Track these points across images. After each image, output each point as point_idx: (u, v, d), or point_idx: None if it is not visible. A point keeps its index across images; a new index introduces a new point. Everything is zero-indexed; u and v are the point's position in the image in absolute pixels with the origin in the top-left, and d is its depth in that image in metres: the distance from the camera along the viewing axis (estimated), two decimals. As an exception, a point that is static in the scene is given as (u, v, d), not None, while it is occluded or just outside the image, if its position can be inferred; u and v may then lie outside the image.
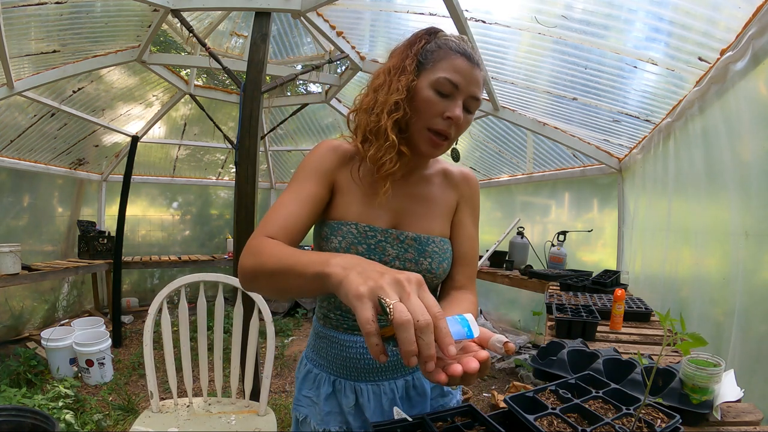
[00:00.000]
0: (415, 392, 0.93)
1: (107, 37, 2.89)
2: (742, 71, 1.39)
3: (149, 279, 5.49)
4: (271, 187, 6.23)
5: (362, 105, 0.87)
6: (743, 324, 1.32)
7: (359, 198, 0.86)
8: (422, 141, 0.83)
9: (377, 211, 0.87)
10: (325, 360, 0.92)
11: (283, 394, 3.14)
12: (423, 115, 0.81)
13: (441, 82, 0.79)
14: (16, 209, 3.90)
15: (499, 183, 4.49)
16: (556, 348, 1.28)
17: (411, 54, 0.83)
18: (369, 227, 0.85)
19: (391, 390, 0.91)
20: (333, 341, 0.91)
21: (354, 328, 0.89)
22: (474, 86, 0.81)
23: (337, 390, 0.90)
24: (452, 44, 0.82)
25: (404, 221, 0.89)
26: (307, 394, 0.94)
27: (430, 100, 0.80)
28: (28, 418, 1.55)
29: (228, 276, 1.72)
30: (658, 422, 0.73)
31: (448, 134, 0.82)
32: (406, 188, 0.91)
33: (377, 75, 0.87)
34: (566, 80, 2.36)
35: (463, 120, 0.81)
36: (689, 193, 1.94)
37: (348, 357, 0.89)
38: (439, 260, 0.89)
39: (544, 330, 2.47)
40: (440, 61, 0.81)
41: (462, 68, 0.79)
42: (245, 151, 2.48)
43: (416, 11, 2.35)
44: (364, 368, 0.89)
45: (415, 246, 0.87)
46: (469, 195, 0.98)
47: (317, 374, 0.93)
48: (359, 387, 0.90)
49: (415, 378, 0.93)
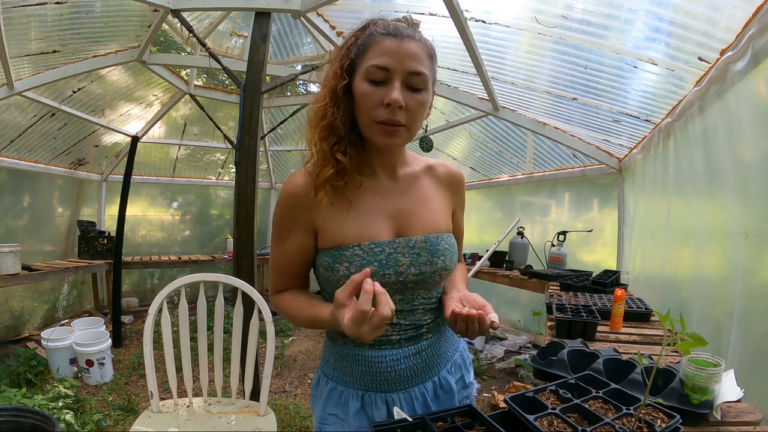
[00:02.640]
0: (442, 391, 0.93)
1: (107, 37, 2.89)
2: (742, 71, 1.39)
3: (149, 279, 5.49)
4: (271, 187, 6.23)
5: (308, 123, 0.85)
6: (743, 324, 1.32)
7: (348, 217, 0.83)
8: (374, 135, 0.79)
9: (375, 224, 0.84)
10: (351, 377, 0.90)
11: (283, 394, 3.14)
12: (364, 110, 0.77)
13: (370, 71, 0.75)
14: (16, 209, 3.90)
15: (499, 183, 4.49)
16: (556, 348, 1.28)
17: (341, 55, 0.80)
18: (374, 243, 0.82)
19: (422, 394, 0.90)
20: (359, 359, 0.88)
21: (381, 343, 0.87)
22: (409, 61, 0.75)
23: (367, 404, 0.88)
24: (379, 29, 0.77)
25: (407, 225, 0.86)
26: (332, 411, 0.91)
27: (366, 93, 0.76)
28: (28, 418, 1.55)
29: (228, 276, 1.72)
30: (658, 422, 0.74)
31: (396, 121, 0.76)
32: (397, 191, 0.88)
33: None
34: (566, 80, 2.36)
35: (410, 101, 0.76)
36: (689, 193, 1.93)
37: (377, 372, 0.87)
38: (450, 256, 0.89)
39: (544, 330, 2.47)
40: (368, 50, 0.77)
41: (390, 48, 0.74)
42: (245, 151, 2.48)
43: (416, 11, 2.35)
44: (395, 379, 0.87)
45: (426, 248, 0.86)
46: (461, 194, 1.00)
47: (343, 391, 0.90)
48: (391, 397, 0.88)
49: (441, 378, 0.93)
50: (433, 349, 0.92)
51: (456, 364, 0.98)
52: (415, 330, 0.89)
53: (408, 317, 0.88)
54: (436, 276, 0.87)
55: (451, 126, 3.78)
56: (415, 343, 0.89)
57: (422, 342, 0.90)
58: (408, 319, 0.88)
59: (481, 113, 3.25)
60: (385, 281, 0.81)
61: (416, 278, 0.85)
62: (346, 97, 0.79)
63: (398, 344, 0.87)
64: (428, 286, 0.88)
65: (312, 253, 0.88)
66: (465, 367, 1.01)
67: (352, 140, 0.82)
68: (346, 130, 0.81)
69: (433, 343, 0.92)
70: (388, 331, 0.87)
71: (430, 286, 0.89)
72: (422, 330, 0.90)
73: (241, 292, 1.67)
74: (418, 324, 0.89)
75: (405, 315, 0.87)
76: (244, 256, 2.52)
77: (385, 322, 0.67)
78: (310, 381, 3.39)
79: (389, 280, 0.82)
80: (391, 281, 0.83)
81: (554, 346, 1.30)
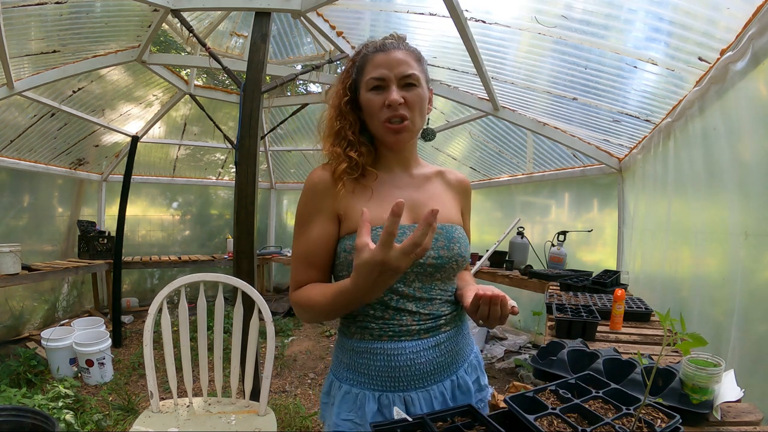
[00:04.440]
0: (459, 391, 0.93)
1: (107, 37, 2.89)
2: (742, 71, 1.39)
3: (149, 279, 5.49)
4: (271, 187, 6.23)
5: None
6: (743, 324, 1.32)
7: (369, 204, 0.89)
8: (384, 135, 0.91)
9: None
10: (367, 376, 0.89)
11: (283, 394, 3.14)
12: (372, 114, 0.90)
13: (369, 83, 0.89)
14: (16, 209, 3.90)
15: (499, 183, 4.49)
16: (556, 348, 1.28)
17: (343, 78, 0.96)
18: None
19: (441, 393, 0.90)
20: (377, 353, 0.88)
21: (400, 334, 0.87)
22: (399, 66, 0.88)
23: (384, 405, 0.87)
24: (370, 49, 0.92)
25: (423, 215, 0.90)
26: (347, 417, 0.88)
27: (370, 100, 0.89)
28: (28, 418, 1.55)
29: (228, 276, 1.72)
30: (658, 422, 0.73)
31: (400, 115, 0.88)
32: (412, 185, 0.96)
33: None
34: (566, 80, 2.36)
35: (408, 96, 0.88)
36: (689, 193, 1.93)
37: (396, 366, 0.87)
38: (465, 245, 0.94)
39: (544, 330, 2.47)
40: (365, 67, 0.91)
41: (381, 61, 0.88)
42: (245, 151, 2.48)
43: (416, 11, 2.35)
44: (415, 375, 0.87)
45: (443, 234, 0.90)
46: (465, 195, 1.06)
47: (358, 393, 0.89)
48: (409, 397, 0.87)
49: (458, 377, 0.94)
50: (452, 343, 0.93)
51: (472, 365, 0.99)
52: (434, 320, 0.90)
53: (427, 306, 0.90)
54: (453, 263, 0.91)
55: (451, 126, 3.78)
56: (434, 335, 0.90)
57: (441, 334, 0.91)
58: (427, 309, 0.90)
59: (481, 113, 3.25)
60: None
61: (435, 262, 0.89)
62: (350, 109, 0.93)
63: (417, 335, 0.88)
64: (445, 275, 0.92)
65: (333, 243, 0.91)
66: (480, 369, 1.02)
67: (362, 142, 0.93)
68: (355, 136, 0.93)
69: (452, 336, 0.93)
70: (407, 321, 0.88)
71: (447, 275, 0.92)
72: (441, 321, 0.91)
73: (241, 292, 1.67)
74: (437, 314, 0.91)
75: (424, 304, 0.90)
76: (244, 256, 2.52)
77: (415, 250, 0.66)
78: (310, 381, 3.39)
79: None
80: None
81: (554, 346, 1.30)
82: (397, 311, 0.88)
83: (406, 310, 0.88)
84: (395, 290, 0.88)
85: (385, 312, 0.88)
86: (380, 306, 0.88)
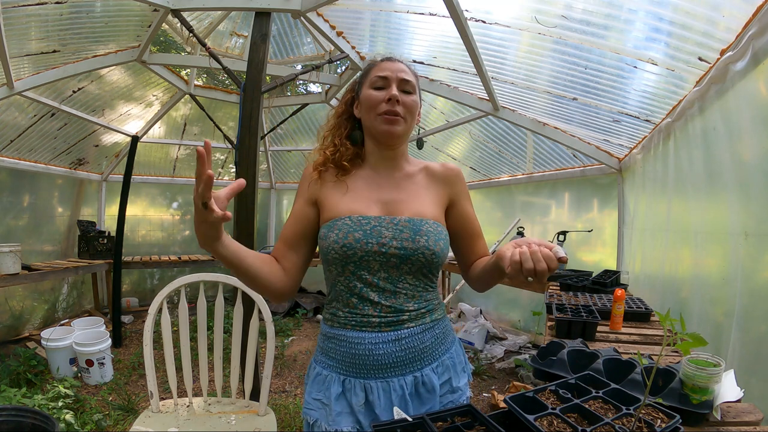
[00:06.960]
0: (424, 389, 0.94)
1: (107, 37, 2.89)
2: (742, 71, 1.39)
3: (149, 279, 5.49)
4: (271, 187, 6.23)
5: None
6: (743, 324, 1.32)
7: (344, 198, 0.98)
8: (378, 124, 0.97)
9: (368, 204, 0.97)
10: (334, 360, 0.95)
11: (283, 394, 3.14)
12: (370, 108, 0.98)
13: (373, 80, 0.99)
14: (16, 209, 3.90)
15: (499, 183, 4.49)
16: (556, 348, 1.28)
17: (348, 89, 1.09)
18: (362, 216, 0.94)
19: (401, 387, 0.92)
20: (341, 340, 0.94)
21: (361, 324, 0.92)
22: (401, 73, 0.98)
23: (347, 389, 0.93)
24: (378, 57, 1.04)
25: (395, 210, 0.97)
26: (316, 396, 0.96)
27: (371, 96, 0.98)
28: (28, 418, 1.55)
29: (228, 276, 1.72)
30: (658, 422, 0.74)
31: (396, 111, 0.95)
32: (392, 185, 1.01)
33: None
34: (566, 80, 2.36)
35: (405, 98, 0.97)
36: (689, 193, 1.93)
37: (356, 354, 0.92)
38: (435, 239, 0.94)
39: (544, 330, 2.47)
40: (370, 71, 1.02)
41: (386, 66, 0.99)
42: (245, 151, 2.48)
43: (416, 11, 2.35)
44: (373, 365, 0.91)
45: (409, 227, 0.94)
46: (459, 186, 1.07)
47: (326, 375, 0.96)
48: (369, 384, 0.92)
49: (423, 374, 0.94)
50: (415, 340, 0.93)
51: (444, 365, 0.98)
52: (395, 315, 0.92)
53: (389, 298, 0.92)
54: (419, 255, 0.92)
55: (451, 126, 3.78)
56: (394, 329, 0.92)
57: (402, 330, 0.92)
58: (389, 301, 0.92)
59: (481, 113, 3.25)
60: (367, 249, 0.91)
61: (398, 252, 0.91)
62: (346, 119, 1.06)
63: (378, 328, 0.92)
64: (414, 268, 0.93)
65: (306, 223, 1.00)
66: (455, 371, 1.00)
67: (344, 144, 1.04)
68: (340, 140, 1.05)
69: (415, 334, 0.94)
70: (368, 312, 0.92)
71: (416, 269, 0.93)
72: (403, 317, 0.93)
73: (241, 292, 1.67)
74: (400, 309, 0.92)
75: (387, 296, 0.92)
76: (244, 256, 2.51)
77: (201, 180, 0.70)
78: (310, 381, 3.39)
79: (371, 249, 0.91)
80: (374, 250, 0.91)
81: (554, 346, 1.30)
82: (361, 299, 0.93)
83: (369, 300, 0.92)
84: (360, 276, 0.92)
85: (350, 299, 0.93)
86: (346, 291, 0.94)
